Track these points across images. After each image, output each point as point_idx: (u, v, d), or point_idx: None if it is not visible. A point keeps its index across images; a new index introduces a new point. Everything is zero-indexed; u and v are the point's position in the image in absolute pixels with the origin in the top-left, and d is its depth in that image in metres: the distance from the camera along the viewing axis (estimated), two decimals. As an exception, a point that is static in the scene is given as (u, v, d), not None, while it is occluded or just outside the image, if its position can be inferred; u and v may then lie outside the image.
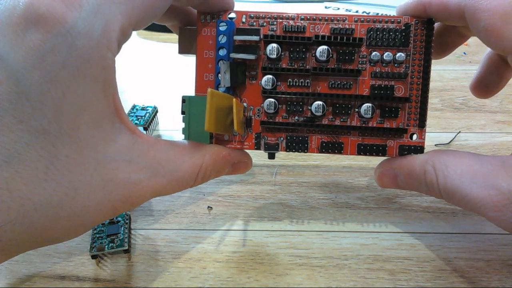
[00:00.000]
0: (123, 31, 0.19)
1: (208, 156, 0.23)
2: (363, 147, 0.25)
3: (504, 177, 0.21)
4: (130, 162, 0.20)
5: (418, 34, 0.24)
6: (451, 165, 0.22)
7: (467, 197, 0.21)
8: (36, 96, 0.17)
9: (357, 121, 0.25)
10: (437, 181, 0.22)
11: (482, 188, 0.21)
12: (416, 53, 0.24)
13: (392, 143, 0.25)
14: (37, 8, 0.17)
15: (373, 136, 0.25)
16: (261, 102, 0.25)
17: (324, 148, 0.25)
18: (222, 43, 0.24)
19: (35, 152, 0.17)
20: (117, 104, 0.20)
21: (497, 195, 0.20)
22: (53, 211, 0.18)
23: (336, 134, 0.25)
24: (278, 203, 0.31)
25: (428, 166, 0.23)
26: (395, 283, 0.26)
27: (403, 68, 0.24)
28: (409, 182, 0.24)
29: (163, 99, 0.38)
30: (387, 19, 0.24)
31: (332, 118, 0.25)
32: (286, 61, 0.24)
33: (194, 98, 0.24)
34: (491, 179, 0.21)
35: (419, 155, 0.24)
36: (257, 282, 0.26)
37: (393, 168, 0.25)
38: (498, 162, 0.21)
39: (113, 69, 0.19)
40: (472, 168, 0.21)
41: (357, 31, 0.24)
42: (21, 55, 0.17)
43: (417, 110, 0.24)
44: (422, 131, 0.24)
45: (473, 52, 0.46)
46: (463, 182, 0.21)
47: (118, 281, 0.26)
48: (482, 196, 0.21)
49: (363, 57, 0.24)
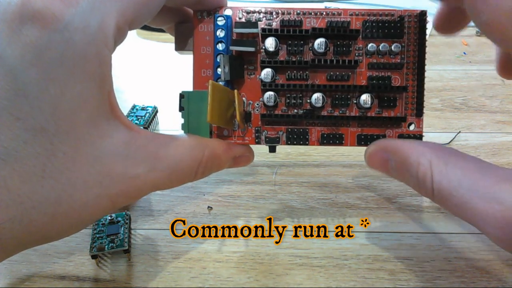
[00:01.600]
0: (119, 28, 0.19)
1: (209, 150, 0.23)
2: (363, 137, 0.25)
3: (508, 191, 0.18)
4: (127, 156, 0.20)
5: (412, 26, 0.24)
6: (451, 165, 0.20)
7: (464, 205, 0.19)
8: (34, 94, 0.17)
9: (356, 112, 0.25)
10: (432, 178, 0.20)
11: (484, 199, 0.18)
12: (411, 44, 0.24)
13: (391, 132, 0.25)
14: (33, 4, 0.17)
15: (372, 127, 0.25)
16: (260, 96, 0.25)
17: (325, 140, 0.25)
18: (220, 37, 0.24)
19: (33, 150, 0.17)
20: (112, 101, 0.20)
21: (502, 210, 0.18)
22: (51, 208, 0.18)
23: (336, 126, 0.25)
24: (278, 203, 0.31)
25: (424, 159, 0.21)
26: (395, 283, 0.26)
27: (399, 59, 0.24)
28: (400, 171, 0.22)
29: (163, 99, 0.37)
30: (381, 12, 0.24)
31: (331, 110, 0.25)
32: (284, 54, 0.25)
33: (193, 93, 0.24)
34: (495, 192, 0.18)
35: (419, 144, 0.22)
36: (257, 282, 0.26)
37: (387, 150, 0.23)
38: (504, 174, 0.19)
39: (110, 66, 0.19)
40: (475, 175, 0.19)
41: (352, 24, 0.24)
42: (17, 52, 0.17)
43: (414, 99, 0.25)
44: (420, 120, 0.25)
45: (473, 52, 0.46)
46: (462, 186, 0.19)
47: (118, 281, 0.26)
48: (483, 208, 0.18)
49: (359, 49, 0.25)
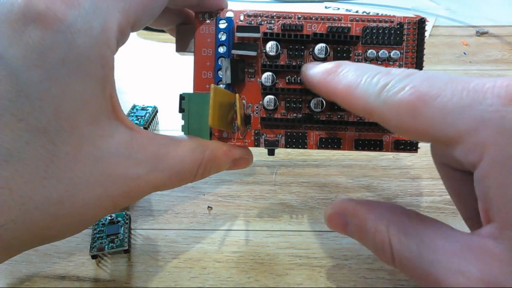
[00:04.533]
0: (121, 30, 0.19)
1: (209, 151, 0.23)
2: (360, 142, 0.25)
3: (472, 261, 0.17)
4: (128, 157, 0.20)
5: (411, 33, 0.24)
6: (410, 233, 0.19)
7: (428, 278, 0.18)
8: (36, 94, 0.17)
9: (354, 117, 0.25)
10: (391, 247, 0.19)
11: (448, 271, 0.17)
12: (409, 51, 0.25)
13: (388, 138, 0.25)
14: (36, 5, 0.17)
15: (369, 132, 0.25)
16: (260, 99, 0.25)
17: (323, 144, 0.25)
18: (222, 40, 0.24)
19: (35, 151, 0.17)
20: (114, 101, 0.20)
21: (467, 283, 0.17)
22: (53, 209, 0.18)
23: (334, 130, 0.25)
24: (278, 203, 0.31)
25: (381, 225, 0.19)
26: (395, 283, 0.26)
27: (397, 66, 0.25)
28: (358, 236, 0.21)
29: (163, 99, 0.37)
30: (381, 19, 0.25)
31: (330, 115, 0.25)
32: (285, 58, 0.25)
33: (193, 95, 0.24)
34: (459, 263, 0.17)
35: (377, 206, 0.21)
36: (257, 282, 0.26)
37: (345, 214, 0.21)
38: (466, 241, 0.18)
39: (112, 67, 0.19)
40: (436, 242, 0.18)
41: (353, 29, 0.24)
42: (20, 53, 0.17)
43: None
44: None
45: (473, 52, 0.46)
46: (423, 258, 0.18)
47: (118, 281, 0.26)
48: (449, 282, 0.17)
49: (358, 55, 0.25)
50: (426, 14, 0.54)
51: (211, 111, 0.21)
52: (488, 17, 0.53)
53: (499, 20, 0.53)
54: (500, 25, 0.52)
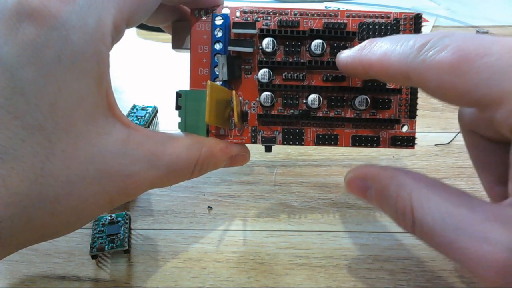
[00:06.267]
0: (116, 26, 0.19)
1: (206, 148, 0.23)
2: (357, 138, 0.25)
3: (498, 229, 0.16)
4: (125, 154, 0.20)
5: (407, 28, 0.24)
6: (434, 199, 0.18)
7: (450, 245, 0.17)
8: (31, 92, 0.17)
9: (351, 113, 0.25)
10: (412, 213, 0.18)
11: (473, 239, 0.17)
12: None
13: (385, 134, 0.25)
14: (30, 2, 0.17)
15: (366, 128, 0.25)
16: (256, 96, 0.25)
17: (320, 140, 0.25)
18: (218, 37, 0.24)
19: (31, 148, 0.17)
20: (110, 99, 0.20)
21: (494, 253, 0.16)
22: (50, 206, 0.18)
23: (331, 127, 0.25)
24: (278, 203, 0.31)
25: (403, 191, 0.19)
26: (395, 283, 0.25)
27: None
28: (378, 201, 0.21)
29: (163, 99, 0.37)
30: (377, 15, 0.24)
31: (327, 111, 0.25)
32: (281, 55, 0.25)
33: (190, 92, 0.24)
34: (485, 231, 0.17)
35: (400, 173, 0.20)
36: (257, 282, 0.26)
37: (366, 178, 0.21)
38: (493, 211, 0.17)
39: (107, 63, 0.19)
40: (461, 210, 0.17)
41: (349, 25, 0.24)
42: (15, 50, 0.17)
43: (408, 102, 0.25)
44: (413, 122, 0.25)
45: (473, 52, 0.46)
46: (447, 224, 0.17)
47: (118, 281, 0.26)
48: (473, 250, 0.16)
49: None
50: (426, 14, 0.54)
51: (207, 108, 0.21)
52: (488, 17, 0.53)
53: (499, 20, 0.53)
54: (500, 25, 0.51)
